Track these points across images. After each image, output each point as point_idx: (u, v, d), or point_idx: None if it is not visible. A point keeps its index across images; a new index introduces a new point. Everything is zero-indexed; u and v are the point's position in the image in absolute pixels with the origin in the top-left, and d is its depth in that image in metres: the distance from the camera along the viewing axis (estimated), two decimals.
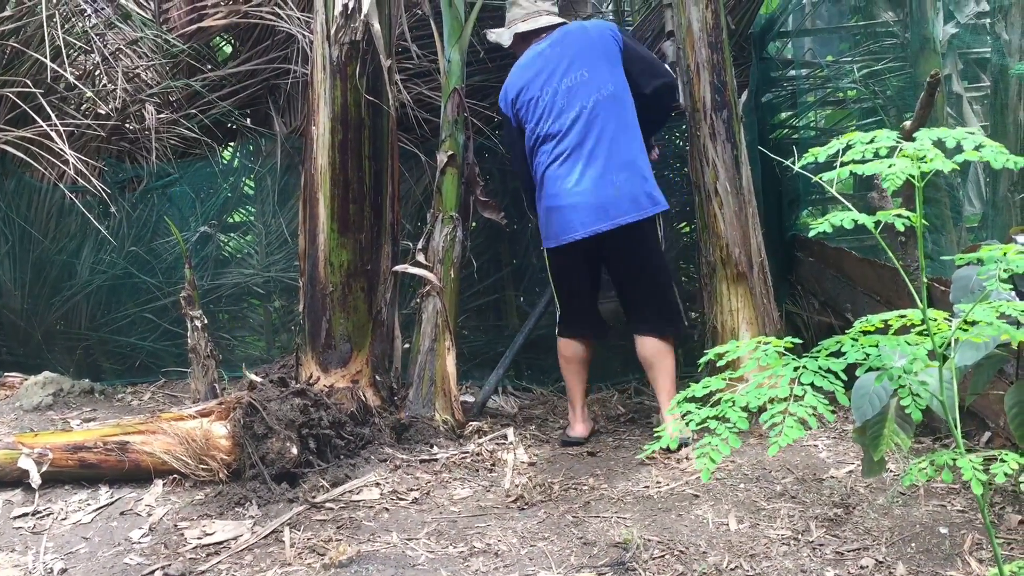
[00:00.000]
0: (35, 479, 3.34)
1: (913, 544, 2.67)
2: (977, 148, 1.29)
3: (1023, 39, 4.99)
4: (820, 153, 1.42)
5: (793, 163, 1.49)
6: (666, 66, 4.02)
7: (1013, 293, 1.70)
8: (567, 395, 4.19)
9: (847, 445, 3.51)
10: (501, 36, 4.17)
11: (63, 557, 2.94)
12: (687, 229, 5.74)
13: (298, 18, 5.19)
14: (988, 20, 5.89)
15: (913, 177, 1.26)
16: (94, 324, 5.59)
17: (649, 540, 2.81)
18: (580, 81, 3.81)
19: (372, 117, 3.93)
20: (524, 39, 4.07)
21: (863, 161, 1.32)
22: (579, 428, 4.07)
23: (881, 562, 2.57)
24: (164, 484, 3.41)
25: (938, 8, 5.81)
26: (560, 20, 4.06)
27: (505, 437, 4.05)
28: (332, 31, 3.80)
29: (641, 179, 3.81)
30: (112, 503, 3.32)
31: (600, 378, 5.30)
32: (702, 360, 1.73)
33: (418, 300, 4.35)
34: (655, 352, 3.90)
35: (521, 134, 4.00)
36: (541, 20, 4.04)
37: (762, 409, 1.43)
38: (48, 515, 3.23)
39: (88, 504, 3.30)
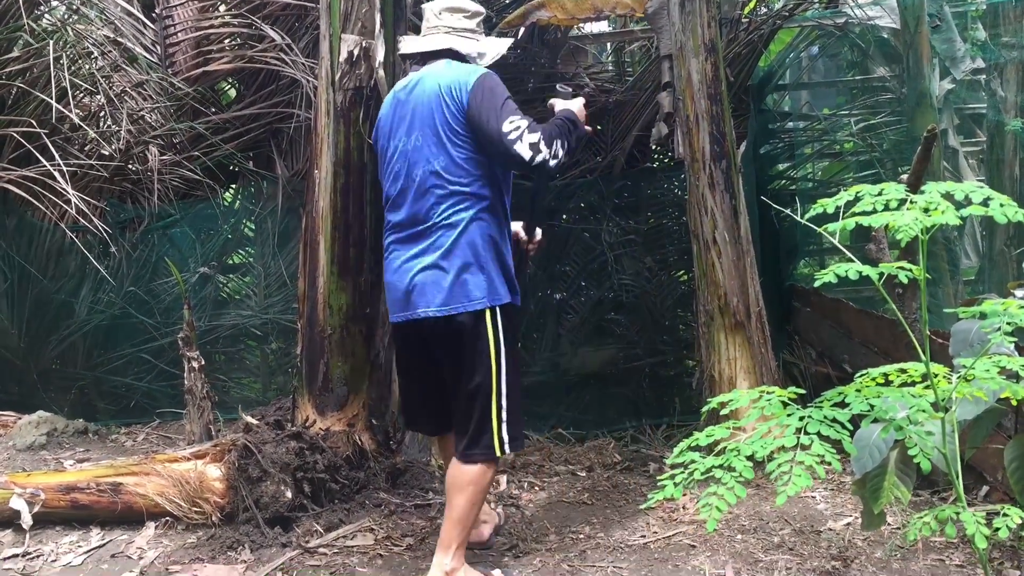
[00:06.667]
0: (26, 520, 3.31)
1: None
2: (984, 202, 1.30)
3: (1018, 95, 5.07)
4: (828, 204, 1.43)
5: (795, 213, 1.51)
6: (518, 128, 2.80)
7: (1013, 347, 1.70)
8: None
9: (845, 497, 3.49)
10: (404, 46, 3.32)
11: None
12: (684, 277, 5.76)
13: (303, 64, 5.26)
14: (984, 76, 5.99)
15: (922, 230, 1.27)
16: (90, 364, 5.58)
17: None
18: (415, 147, 2.98)
19: (374, 162, 3.95)
20: (413, 59, 3.23)
21: (871, 213, 1.33)
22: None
23: None
24: (156, 526, 3.38)
25: (934, 64, 5.91)
26: (447, 46, 3.11)
27: (498, 484, 4.02)
28: (337, 77, 3.85)
29: (460, 269, 2.89)
30: (103, 545, 3.28)
31: (596, 425, 5.28)
32: (705, 408, 1.73)
33: None
34: (461, 479, 2.90)
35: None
36: (427, 41, 3.16)
37: (767, 459, 1.42)
38: (38, 556, 3.20)
39: (79, 546, 3.27)
